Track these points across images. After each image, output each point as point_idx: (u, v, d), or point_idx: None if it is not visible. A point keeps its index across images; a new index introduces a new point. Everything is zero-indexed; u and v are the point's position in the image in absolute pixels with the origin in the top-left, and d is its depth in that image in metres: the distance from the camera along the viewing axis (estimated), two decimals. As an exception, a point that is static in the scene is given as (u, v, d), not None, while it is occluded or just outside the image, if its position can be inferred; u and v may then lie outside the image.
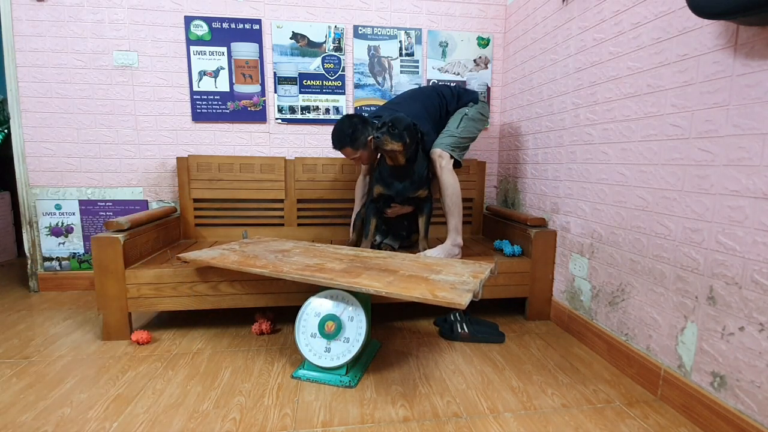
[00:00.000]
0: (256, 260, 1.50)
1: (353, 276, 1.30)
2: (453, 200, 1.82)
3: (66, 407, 1.21)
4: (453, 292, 1.16)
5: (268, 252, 1.65)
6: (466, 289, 1.20)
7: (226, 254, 1.60)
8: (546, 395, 1.29)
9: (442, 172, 1.82)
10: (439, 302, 1.11)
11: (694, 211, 1.17)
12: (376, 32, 2.36)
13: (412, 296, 1.14)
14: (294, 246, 1.80)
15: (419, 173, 1.82)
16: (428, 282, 1.27)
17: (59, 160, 2.24)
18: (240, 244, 1.81)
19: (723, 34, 1.08)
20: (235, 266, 1.45)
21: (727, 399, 1.08)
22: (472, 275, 1.36)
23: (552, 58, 1.91)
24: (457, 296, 1.12)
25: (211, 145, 2.33)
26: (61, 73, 2.18)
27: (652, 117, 1.32)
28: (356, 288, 1.23)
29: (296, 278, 1.33)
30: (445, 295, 1.14)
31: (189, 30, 2.23)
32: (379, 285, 1.22)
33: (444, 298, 1.11)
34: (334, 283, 1.27)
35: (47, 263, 2.30)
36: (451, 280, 1.29)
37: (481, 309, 2.00)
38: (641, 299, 1.38)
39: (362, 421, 1.15)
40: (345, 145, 1.83)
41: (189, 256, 1.60)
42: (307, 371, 1.37)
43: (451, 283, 1.26)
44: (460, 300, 1.09)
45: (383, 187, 1.83)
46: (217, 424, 1.13)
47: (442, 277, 1.33)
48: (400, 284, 1.24)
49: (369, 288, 1.21)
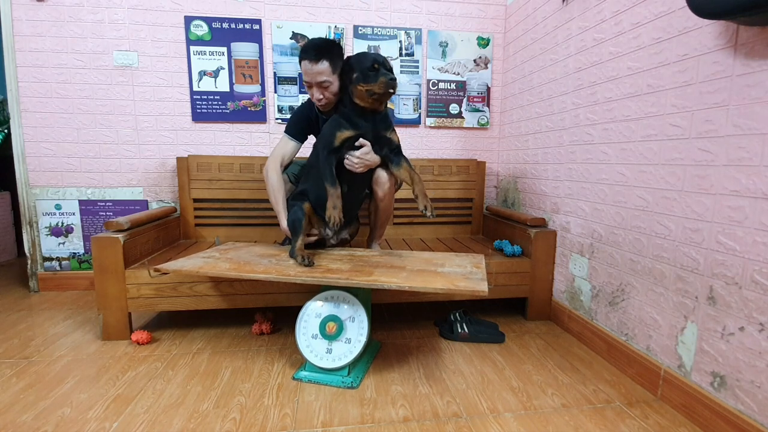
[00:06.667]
0: (253, 266, 1.42)
1: (367, 274, 1.30)
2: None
3: (66, 407, 1.21)
4: (470, 282, 1.23)
5: (258, 257, 1.56)
6: (478, 278, 1.27)
7: (212, 262, 1.47)
8: (546, 395, 1.29)
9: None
10: (462, 292, 1.17)
11: (694, 211, 1.17)
12: (376, 32, 2.36)
13: (435, 288, 1.19)
14: (279, 250, 1.69)
15: (388, 115, 1.59)
16: (440, 275, 1.31)
17: (59, 160, 2.24)
18: (219, 251, 1.67)
19: (723, 34, 1.08)
20: (233, 274, 1.35)
21: (727, 399, 1.08)
22: (474, 266, 1.43)
23: (552, 58, 1.91)
24: (476, 285, 1.20)
25: (211, 145, 2.33)
26: (61, 73, 2.18)
27: (652, 117, 1.32)
28: (377, 285, 1.22)
29: (308, 281, 1.27)
30: (465, 284, 1.20)
31: (189, 30, 2.23)
32: (398, 280, 1.24)
33: (465, 287, 1.18)
34: (353, 282, 1.24)
35: (47, 263, 2.30)
36: (459, 271, 1.36)
37: (481, 309, 2.00)
38: (641, 299, 1.38)
39: (362, 421, 1.15)
40: (324, 57, 1.50)
41: (169, 266, 1.44)
42: (308, 373, 1.36)
43: (462, 274, 1.32)
44: (480, 288, 1.17)
45: (350, 128, 1.50)
46: (217, 424, 1.13)
47: (449, 269, 1.38)
48: (417, 278, 1.26)
49: (391, 284, 1.21)
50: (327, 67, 1.50)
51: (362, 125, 1.51)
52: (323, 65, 1.50)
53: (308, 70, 1.52)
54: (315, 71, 1.50)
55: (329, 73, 1.51)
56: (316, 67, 1.50)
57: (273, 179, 1.69)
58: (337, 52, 1.53)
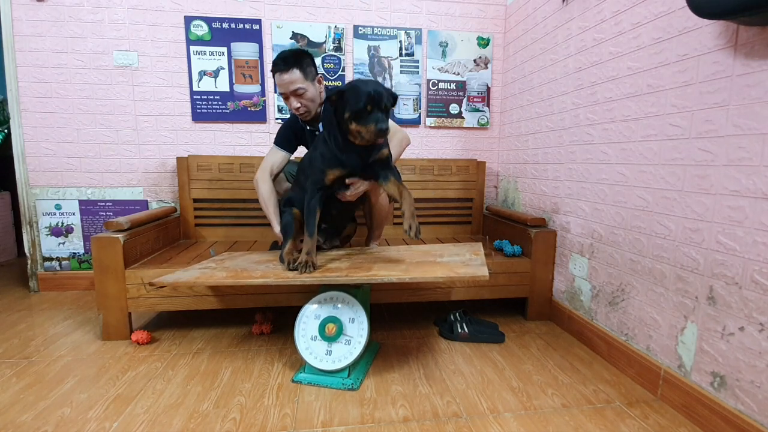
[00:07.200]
0: (250, 272, 1.40)
1: (366, 270, 1.29)
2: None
3: (66, 407, 1.21)
4: (470, 268, 1.21)
5: (254, 263, 1.54)
6: (478, 263, 1.26)
7: (209, 272, 1.45)
8: (546, 395, 1.29)
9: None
10: (462, 278, 1.16)
11: (694, 211, 1.17)
12: (376, 32, 2.36)
13: (436, 277, 1.18)
14: (275, 256, 1.67)
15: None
16: (440, 264, 1.30)
17: (59, 160, 2.24)
18: (215, 262, 1.65)
19: (723, 34, 1.08)
20: (231, 281, 1.32)
21: (727, 399, 1.08)
22: (473, 253, 1.43)
23: (552, 58, 1.90)
24: (477, 270, 1.19)
25: (211, 145, 2.33)
26: (61, 73, 2.18)
27: (652, 117, 1.32)
28: (377, 279, 1.21)
29: (307, 281, 1.27)
30: (466, 270, 1.19)
31: (189, 30, 2.23)
32: (398, 273, 1.23)
33: (466, 273, 1.17)
34: (352, 279, 1.23)
35: (47, 263, 2.30)
36: (458, 260, 1.35)
37: (481, 309, 2.00)
38: (641, 299, 1.38)
39: (362, 421, 1.15)
40: (294, 66, 1.51)
41: (165, 280, 1.41)
42: (307, 375, 1.36)
43: (461, 262, 1.31)
44: (480, 273, 1.16)
45: (338, 167, 1.38)
46: (217, 424, 1.13)
47: (448, 258, 1.37)
48: (417, 270, 1.25)
49: (391, 277, 1.20)
50: (298, 75, 1.54)
51: (353, 160, 1.39)
52: (294, 74, 1.54)
53: (281, 82, 1.56)
54: (287, 80, 1.54)
55: (302, 80, 1.55)
56: (287, 76, 1.54)
57: (263, 189, 1.72)
58: (306, 60, 1.57)
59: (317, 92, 1.62)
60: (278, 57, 1.55)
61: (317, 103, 1.63)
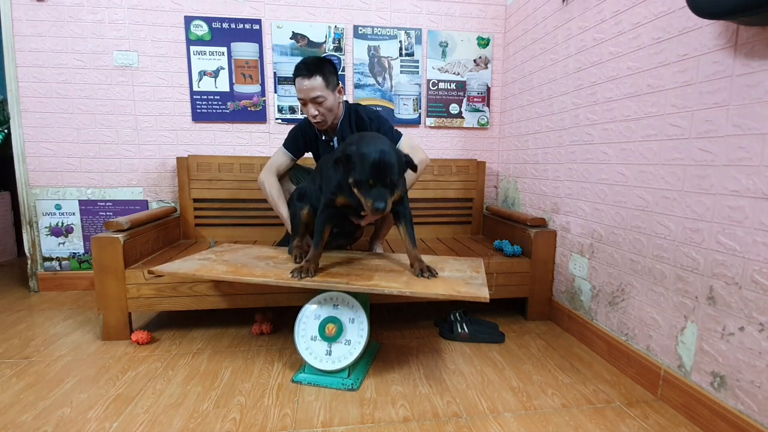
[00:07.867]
0: (250, 269, 1.39)
1: (367, 279, 1.30)
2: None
3: (66, 407, 1.21)
4: (471, 288, 1.22)
5: (255, 259, 1.54)
6: (479, 283, 1.27)
7: (209, 265, 1.44)
8: (546, 395, 1.29)
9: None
10: (463, 297, 1.16)
11: (694, 211, 1.17)
12: (376, 32, 2.36)
13: (436, 293, 1.18)
14: (276, 252, 1.69)
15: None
16: (441, 280, 1.31)
17: (59, 160, 2.24)
18: (214, 253, 1.65)
19: (723, 34, 1.08)
20: (231, 277, 1.32)
21: (727, 399, 1.08)
22: (473, 270, 1.42)
23: (552, 58, 1.90)
24: (477, 290, 1.20)
25: (211, 145, 2.33)
26: (61, 73, 2.18)
27: (652, 117, 1.32)
28: (377, 290, 1.21)
29: (308, 285, 1.27)
30: (467, 290, 1.20)
31: (189, 30, 2.23)
32: (399, 285, 1.23)
33: (467, 293, 1.17)
34: (352, 287, 1.24)
35: (47, 263, 2.30)
36: (459, 276, 1.35)
37: (481, 309, 2.00)
38: (641, 299, 1.38)
39: (362, 421, 1.15)
40: (316, 72, 1.50)
41: (165, 269, 1.41)
42: (307, 375, 1.36)
43: (462, 279, 1.31)
44: (481, 293, 1.17)
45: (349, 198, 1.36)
46: (217, 424, 1.13)
47: (449, 274, 1.37)
48: (418, 283, 1.26)
49: (392, 289, 1.20)
50: (320, 82, 1.51)
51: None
52: (316, 80, 1.51)
53: (302, 87, 1.53)
54: (308, 87, 1.51)
55: (322, 88, 1.52)
56: (308, 82, 1.51)
57: (270, 184, 1.70)
58: (329, 68, 1.55)
59: (336, 102, 1.59)
60: (302, 62, 1.53)
61: (335, 113, 1.61)
